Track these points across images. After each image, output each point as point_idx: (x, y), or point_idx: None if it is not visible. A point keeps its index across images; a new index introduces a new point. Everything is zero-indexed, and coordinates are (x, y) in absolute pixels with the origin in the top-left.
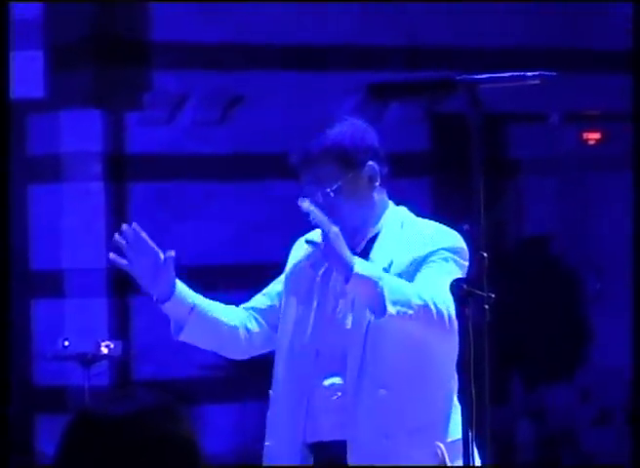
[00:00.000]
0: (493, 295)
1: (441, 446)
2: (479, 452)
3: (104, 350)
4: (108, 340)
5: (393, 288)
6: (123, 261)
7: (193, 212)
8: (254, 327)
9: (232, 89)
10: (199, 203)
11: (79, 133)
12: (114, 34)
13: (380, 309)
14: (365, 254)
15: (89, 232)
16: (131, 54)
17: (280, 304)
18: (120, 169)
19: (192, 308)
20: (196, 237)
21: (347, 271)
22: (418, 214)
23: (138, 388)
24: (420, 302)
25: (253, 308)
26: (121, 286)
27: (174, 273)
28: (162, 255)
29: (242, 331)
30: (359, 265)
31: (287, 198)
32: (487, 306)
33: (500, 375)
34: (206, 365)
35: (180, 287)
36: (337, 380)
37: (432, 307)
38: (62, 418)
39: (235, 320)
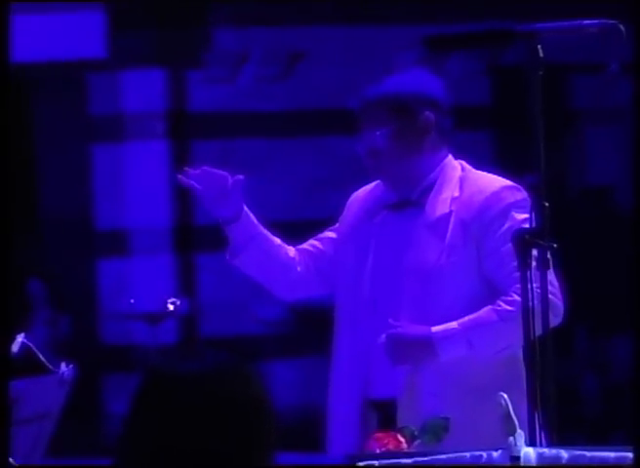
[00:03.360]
0: (555, 245)
1: (504, 395)
2: (544, 405)
3: (170, 307)
4: (174, 298)
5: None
6: (192, 184)
7: (255, 169)
8: (303, 268)
9: (293, 45)
10: (261, 160)
11: (141, 92)
12: None
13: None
14: (421, 203)
15: (152, 191)
16: (191, 12)
17: (331, 252)
18: (182, 127)
19: (254, 235)
20: (258, 194)
21: (427, 338)
22: (478, 168)
23: (208, 348)
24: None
25: (305, 250)
26: (186, 243)
27: (242, 197)
28: (230, 179)
29: (293, 270)
30: (434, 329)
31: (348, 155)
32: (549, 256)
33: (564, 327)
34: (270, 321)
35: (248, 213)
36: None
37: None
38: (129, 377)
39: (289, 257)
